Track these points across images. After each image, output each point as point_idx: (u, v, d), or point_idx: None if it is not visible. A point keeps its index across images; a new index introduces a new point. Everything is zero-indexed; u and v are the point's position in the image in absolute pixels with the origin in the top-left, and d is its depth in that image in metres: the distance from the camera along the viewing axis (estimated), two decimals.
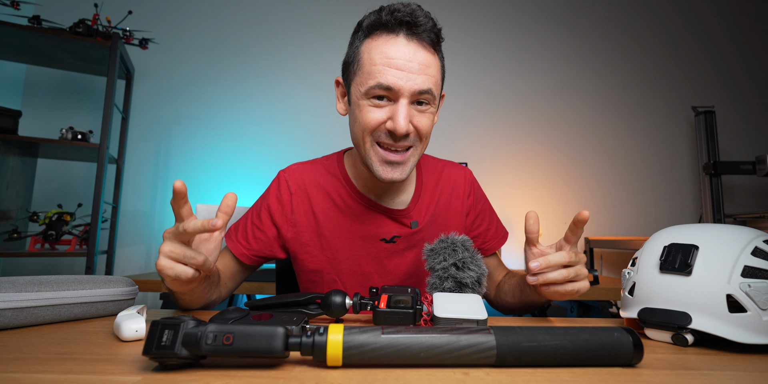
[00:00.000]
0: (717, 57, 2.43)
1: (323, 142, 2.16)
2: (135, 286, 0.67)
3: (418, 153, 0.73)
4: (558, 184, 2.27)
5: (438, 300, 0.56)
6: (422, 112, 0.69)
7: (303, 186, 0.82)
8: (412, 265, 0.83)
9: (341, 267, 0.81)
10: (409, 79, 0.64)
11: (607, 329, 0.42)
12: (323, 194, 0.82)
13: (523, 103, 2.31)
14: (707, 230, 0.55)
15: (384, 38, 0.65)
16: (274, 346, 0.37)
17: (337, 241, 0.81)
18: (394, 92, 0.65)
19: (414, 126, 0.68)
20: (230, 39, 2.21)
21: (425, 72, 0.66)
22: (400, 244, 0.82)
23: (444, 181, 0.88)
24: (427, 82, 0.66)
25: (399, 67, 0.64)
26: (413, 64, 0.64)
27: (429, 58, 0.66)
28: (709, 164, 2.05)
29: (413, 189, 0.85)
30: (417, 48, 0.65)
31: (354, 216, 0.81)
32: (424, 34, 0.65)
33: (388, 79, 0.64)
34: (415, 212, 0.83)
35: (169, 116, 2.14)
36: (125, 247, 2.04)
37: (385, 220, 0.81)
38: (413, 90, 0.65)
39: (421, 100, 0.68)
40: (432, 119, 0.71)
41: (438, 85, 0.69)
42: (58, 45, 1.70)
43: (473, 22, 2.34)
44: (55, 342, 0.48)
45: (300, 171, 0.84)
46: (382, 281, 0.82)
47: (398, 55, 0.64)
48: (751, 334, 0.48)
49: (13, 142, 1.66)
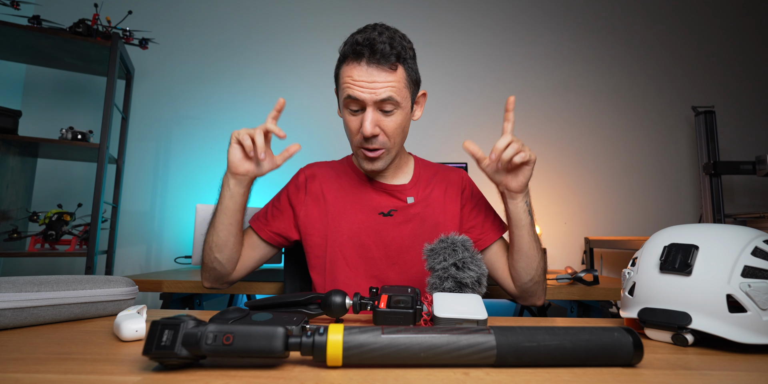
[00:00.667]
0: (717, 57, 2.43)
1: (323, 141, 2.16)
2: (135, 286, 0.67)
3: (394, 149, 0.87)
4: (558, 183, 2.27)
5: (438, 300, 0.56)
6: (388, 116, 0.83)
7: (316, 174, 0.98)
8: (408, 238, 0.91)
9: (342, 239, 0.91)
10: (371, 92, 0.79)
11: (607, 329, 0.42)
12: (333, 178, 0.97)
13: (522, 102, 2.31)
14: (707, 230, 0.55)
15: (351, 65, 0.81)
16: (274, 346, 0.37)
17: (342, 216, 0.92)
18: (360, 102, 0.81)
19: (381, 128, 0.83)
20: (230, 39, 2.21)
21: (385, 86, 0.80)
22: (397, 218, 0.92)
23: (440, 176, 1.00)
24: (387, 91, 0.80)
25: (361, 86, 0.79)
26: (372, 83, 0.79)
27: (388, 76, 0.80)
28: (709, 164, 2.05)
29: (411, 175, 0.98)
30: (376, 71, 0.79)
31: (357, 193, 0.94)
32: (381, 59, 0.79)
33: (354, 92, 0.80)
34: (412, 191, 0.95)
35: (169, 116, 2.14)
36: (125, 247, 2.04)
37: (384, 195, 0.94)
38: (374, 99, 0.80)
39: (384, 108, 0.82)
40: (399, 120, 0.84)
41: (401, 91, 0.82)
42: (58, 45, 1.70)
43: (474, 22, 2.34)
44: (55, 342, 0.48)
45: (317, 164, 1.02)
46: (379, 252, 0.90)
47: (361, 77, 0.79)
48: (751, 334, 0.48)
49: (13, 142, 1.66)
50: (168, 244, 2.06)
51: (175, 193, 2.10)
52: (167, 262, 2.04)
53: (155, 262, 2.05)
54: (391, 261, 0.90)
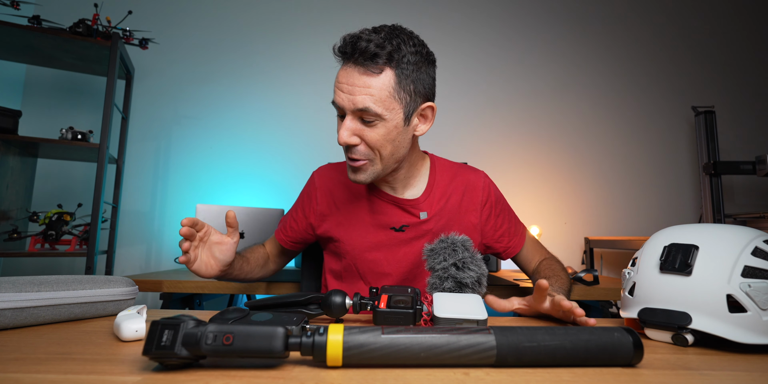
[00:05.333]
0: (717, 57, 2.43)
1: (323, 141, 2.16)
2: (135, 286, 0.67)
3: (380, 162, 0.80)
4: (558, 183, 2.27)
5: (438, 300, 0.56)
6: (370, 127, 0.76)
7: (327, 182, 0.95)
8: (419, 255, 0.88)
9: (355, 253, 0.90)
10: (348, 99, 0.74)
11: (607, 329, 0.42)
12: (343, 188, 0.93)
13: (523, 102, 2.31)
14: (707, 230, 0.55)
15: (341, 66, 0.77)
16: (274, 346, 0.37)
17: (353, 229, 0.90)
18: (342, 109, 0.76)
19: (363, 139, 0.77)
20: (230, 39, 2.21)
21: (363, 92, 0.73)
22: (408, 233, 0.89)
23: (458, 181, 0.94)
24: (365, 100, 0.73)
25: (341, 89, 0.75)
26: (351, 87, 0.73)
27: (368, 80, 0.73)
28: (709, 164, 2.05)
29: (425, 184, 0.92)
30: (357, 72, 0.73)
31: (368, 206, 0.91)
32: (361, 59, 0.72)
33: (336, 98, 0.76)
34: (425, 204, 0.90)
35: (169, 116, 2.14)
36: (125, 247, 2.03)
37: (396, 210, 0.90)
38: (351, 108, 0.74)
39: (363, 118, 0.75)
40: (383, 132, 0.76)
41: (383, 101, 0.74)
42: (58, 45, 1.70)
43: (474, 22, 2.34)
44: (55, 342, 0.48)
45: (327, 169, 0.98)
46: (390, 268, 0.89)
47: (342, 79, 0.75)
48: (751, 334, 0.48)
49: (13, 142, 1.66)
50: (168, 244, 2.06)
51: (175, 193, 2.10)
52: (167, 262, 2.04)
53: (155, 262, 2.05)
54: (402, 277, 0.90)
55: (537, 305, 0.67)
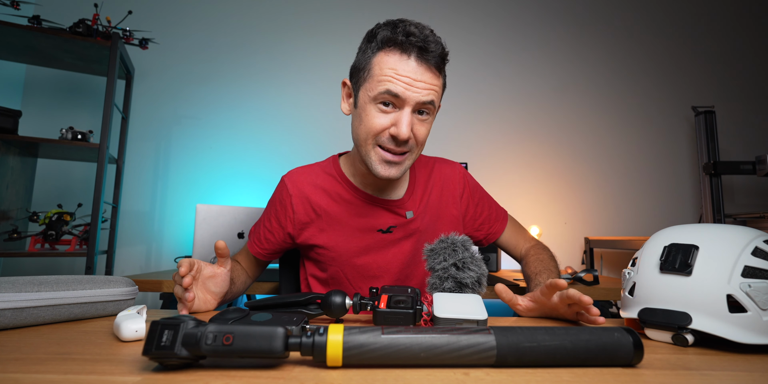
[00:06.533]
0: (717, 57, 2.43)
1: (323, 141, 2.16)
2: (135, 286, 0.67)
3: (414, 157, 0.81)
4: (558, 183, 2.27)
5: (438, 300, 0.56)
6: (422, 122, 0.77)
7: (301, 187, 0.90)
8: (408, 254, 0.89)
9: (342, 259, 0.87)
10: (415, 91, 0.73)
11: (607, 329, 0.42)
12: (321, 192, 0.89)
13: (523, 102, 2.31)
14: (707, 230, 0.55)
15: (397, 56, 0.73)
16: (274, 346, 0.37)
17: (337, 234, 0.87)
18: (400, 100, 0.73)
19: (413, 133, 0.76)
20: (230, 39, 2.21)
21: (430, 88, 0.74)
22: (396, 234, 0.88)
23: (435, 175, 0.96)
24: (430, 95, 0.74)
25: (406, 83, 0.73)
26: (419, 83, 0.73)
27: (434, 78, 0.75)
28: (709, 164, 2.05)
29: (407, 184, 0.92)
30: (425, 70, 0.74)
31: (351, 210, 0.88)
32: (432, 60, 0.74)
33: (397, 88, 0.72)
34: (409, 203, 0.90)
35: (169, 116, 2.14)
36: (125, 247, 2.03)
37: (381, 212, 0.88)
38: (417, 100, 0.74)
39: (422, 110, 0.76)
40: (429, 128, 0.80)
41: (439, 98, 0.78)
42: (58, 45, 1.70)
43: (476, 22, 2.34)
44: (55, 342, 0.48)
45: (298, 173, 0.93)
46: (381, 271, 0.88)
47: (408, 73, 0.73)
48: (751, 334, 0.48)
49: (13, 142, 1.66)
50: (168, 244, 2.06)
51: (175, 193, 2.10)
52: (167, 262, 2.04)
53: (155, 262, 2.05)
54: (394, 278, 0.89)
55: (544, 300, 0.65)
